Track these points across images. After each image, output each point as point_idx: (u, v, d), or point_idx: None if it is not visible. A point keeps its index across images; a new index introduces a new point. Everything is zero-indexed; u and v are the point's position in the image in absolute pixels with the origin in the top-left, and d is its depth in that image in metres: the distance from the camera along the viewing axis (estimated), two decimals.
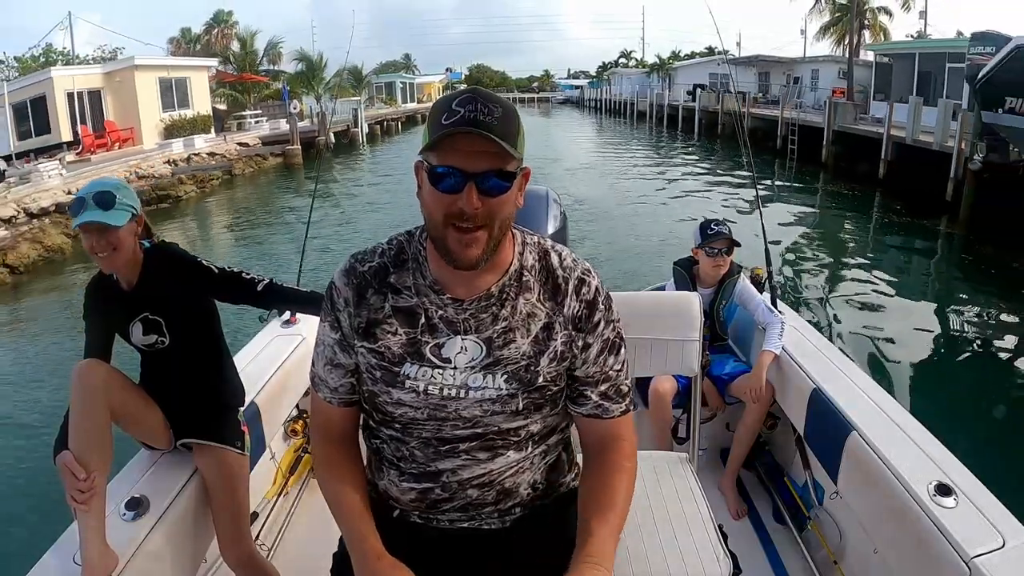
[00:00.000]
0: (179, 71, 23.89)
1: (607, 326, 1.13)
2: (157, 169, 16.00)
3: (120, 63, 22.98)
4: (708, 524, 1.61)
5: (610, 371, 1.14)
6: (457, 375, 1.08)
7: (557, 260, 1.13)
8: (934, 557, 1.39)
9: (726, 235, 2.53)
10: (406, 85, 52.28)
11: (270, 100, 30.57)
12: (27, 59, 31.07)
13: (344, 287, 1.11)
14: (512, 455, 1.13)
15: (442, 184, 0.97)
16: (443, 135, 0.94)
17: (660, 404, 2.39)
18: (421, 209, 1.05)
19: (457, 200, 0.97)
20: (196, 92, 24.37)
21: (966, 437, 4.02)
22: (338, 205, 14.43)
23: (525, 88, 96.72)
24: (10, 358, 6.67)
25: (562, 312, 1.10)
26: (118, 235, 1.59)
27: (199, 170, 17.48)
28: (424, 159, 1.00)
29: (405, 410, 1.10)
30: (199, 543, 1.73)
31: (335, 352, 1.13)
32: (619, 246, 10.08)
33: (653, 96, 38.09)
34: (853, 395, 1.94)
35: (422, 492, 1.15)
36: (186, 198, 15.84)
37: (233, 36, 37.27)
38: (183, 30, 39.41)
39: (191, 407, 1.73)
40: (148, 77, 21.72)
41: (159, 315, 1.68)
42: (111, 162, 16.44)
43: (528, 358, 1.08)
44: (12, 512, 3.83)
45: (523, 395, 1.09)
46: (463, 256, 1.00)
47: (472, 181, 0.96)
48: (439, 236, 1.01)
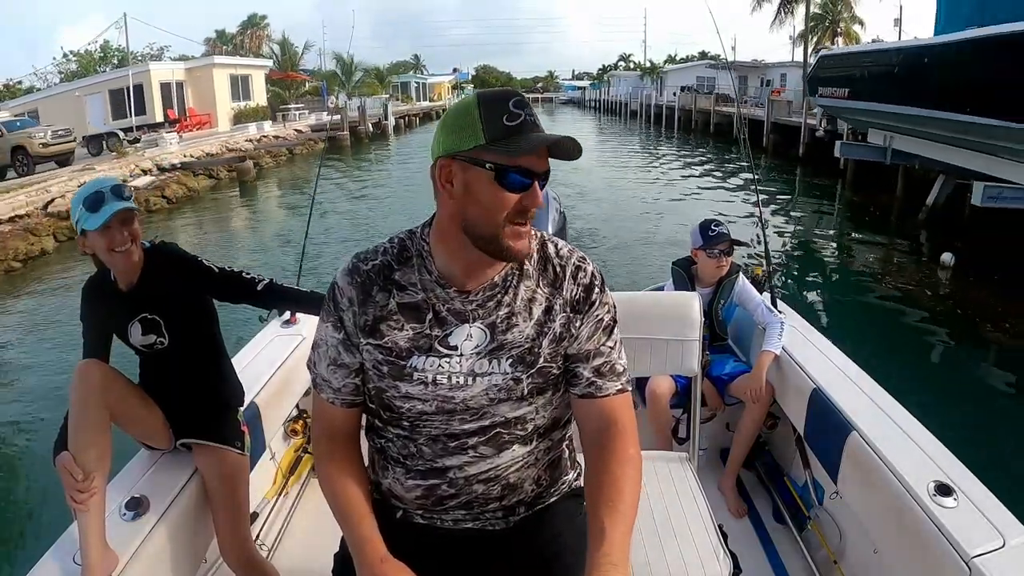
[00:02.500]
0: (244, 69, 29.81)
1: (601, 307, 1.15)
2: (241, 145, 21.23)
3: (200, 61, 29.03)
4: (708, 524, 1.61)
5: (603, 347, 1.15)
6: (464, 362, 1.09)
7: (554, 249, 1.16)
8: (934, 557, 1.39)
9: (728, 236, 2.53)
10: (420, 84, 59.14)
11: (308, 96, 36.18)
12: (83, 54, 35.35)
13: (348, 286, 1.11)
14: (518, 449, 1.14)
15: (517, 184, 1.01)
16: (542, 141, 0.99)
17: (657, 404, 2.39)
18: (459, 207, 1.03)
19: (524, 198, 1.02)
20: (256, 87, 30.42)
21: (966, 437, 4.02)
22: (380, 183, 18.45)
23: (529, 89, 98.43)
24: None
25: (561, 295, 1.13)
26: (135, 224, 1.62)
27: (271, 147, 22.53)
28: (480, 159, 1.00)
29: (414, 403, 1.11)
30: (199, 543, 1.73)
31: (339, 352, 1.13)
32: (613, 244, 10.16)
33: (643, 97, 43.39)
34: (853, 395, 1.94)
35: (428, 489, 1.15)
36: (266, 168, 20.70)
37: (265, 37, 43.52)
38: (218, 32, 45.44)
39: (191, 407, 1.73)
40: (222, 73, 27.84)
41: (158, 315, 1.68)
42: (204, 138, 22.02)
43: (531, 340, 1.10)
44: (12, 512, 3.83)
45: (527, 379, 1.11)
46: (524, 249, 1.05)
47: (538, 181, 1.03)
48: (495, 234, 1.03)
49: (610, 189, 16.02)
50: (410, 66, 69.57)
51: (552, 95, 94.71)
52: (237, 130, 24.70)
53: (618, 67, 76.30)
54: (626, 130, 39.56)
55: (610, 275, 7.75)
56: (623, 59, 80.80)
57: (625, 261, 9.21)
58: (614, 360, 1.15)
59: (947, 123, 8.59)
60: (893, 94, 10.00)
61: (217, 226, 13.36)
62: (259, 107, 29.23)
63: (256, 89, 30.37)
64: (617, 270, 8.50)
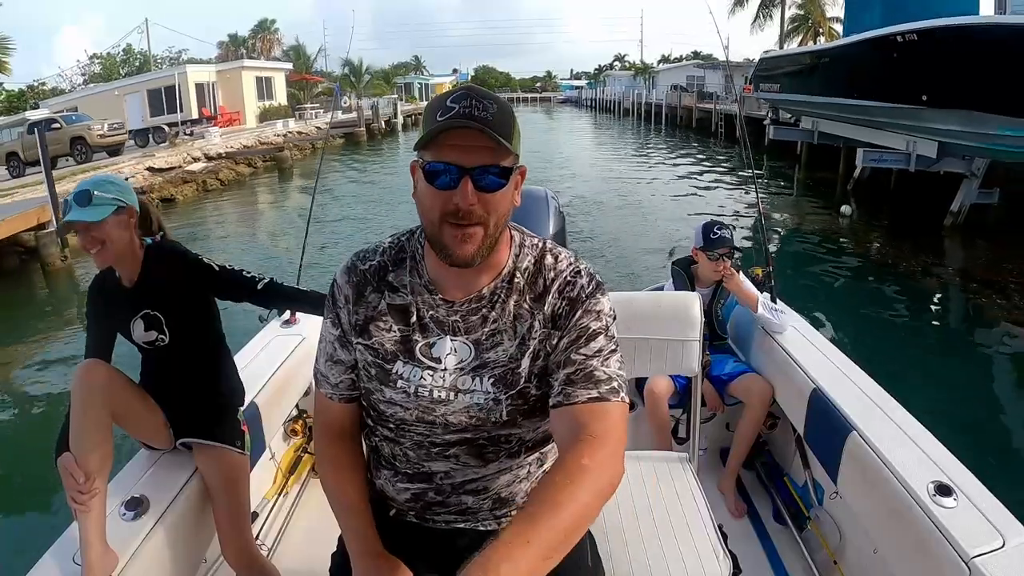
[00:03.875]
0: (268, 72, 32.93)
1: (587, 315, 1.05)
2: (271, 139, 23.77)
3: (230, 64, 31.97)
4: (708, 524, 1.61)
5: (575, 355, 1.03)
6: (447, 377, 1.07)
7: (551, 261, 1.09)
8: (934, 557, 1.39)
9: (728, 242, 2.52)
10: (423, 85, 61.62)
11: (322, 96, 39.27)
12: (106, 56, 39.61)
13: (345, 284, 1.12)
14: (505, 461, 1.13)
15: (438, 180, 0.95)
16: (438, 129, 0.93)
17: (655, 404, 2.39)
18: (418, 209, 1.03)
19: (453, 196, 0.95)
20: (278, 88, 33.54)
21: (966, 437, 4.02)
22: (394, 172, 20.60)
23: (528, 88, 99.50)
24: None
25: (542, 310, 1.06)
26: (103, 230, 1.60)
27: (297, 141, 24.84)
28: (419, 157, 0.99)
29: (396, 410, 1.10)
30: (199, 543, 1.73)
31: (335, 348, 1.14)
32: (605, 240, 10.22)
33: (634, 96, 46.32)
34: (853, 395, 1.94)
35: (416, 493, 1.15)
36: (292, 160, 22.22)
37: (275, 41, 47.67)
38: (230, 35, 49.45)
39: (191, 407, 1.73)
40: (249, 75, 30.94)
41: (159, 311, 1.68)
42: (239, 133, 24.92)
43: (513, 360, 1.06)
44: (12, 512, 3.84)
45: (506, 400, 1.06)
46: (459, 253, 0.98)
47: (468, 176, 0.94)
48: (435, 234, 0.99)
49: (601, 179, 17.15)
50: (411, 67, 72.08)
51: (551, 95, 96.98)
52: (266, 126, 27.52)
53: (613, 67, 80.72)
54: (619, 126, 42.03)
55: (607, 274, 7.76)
56: (618, 59, 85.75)
57: (614, 252, 9.39)
58: (591, 367, 1.02)
59: (842, 106, 11.94)
60: (807, 86, 13.54)
61: (265, 200, 16.82)
62: (281, 106, 32.21)
63: (278, 90, 33.55)
64: (605, 264, 8.55)
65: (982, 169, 9.77)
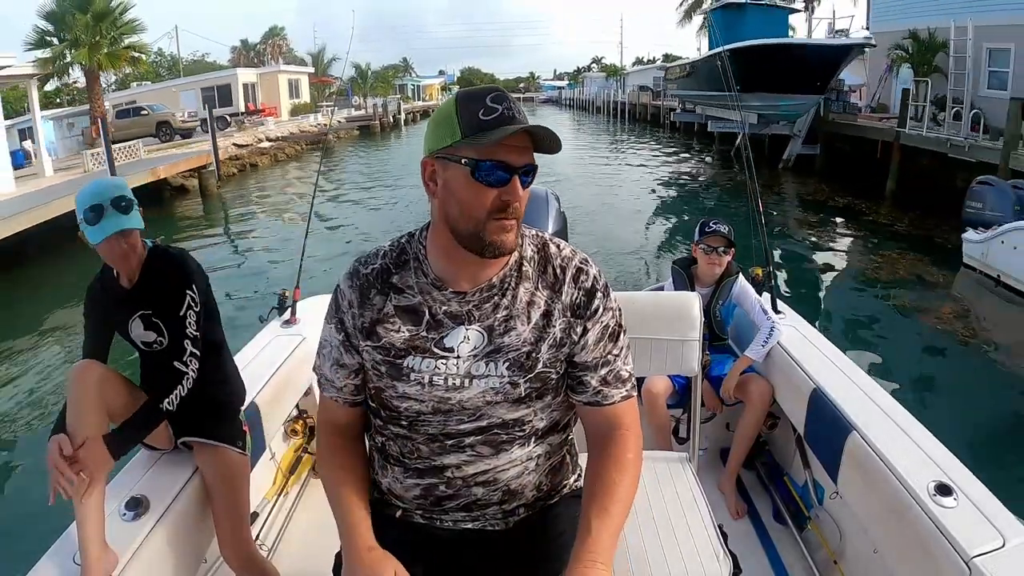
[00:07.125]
0: (297, 75, 40.06)
1: (606, 312, 1.14)
2: (308, 129, 28.96)
3: (269, 68, 39.08)
4: (708, 524, 1.61)
5: (609, 356, 1.14)
6: (460, 364, 1.09)
7: (555, 250, 1.15)
8: (934, 557, 1.39)
9: (721, 233, 2.54)
10: (415, 86, 70.09)
11: (335, 96, 45.08)
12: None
13: (348, 290, 1.14)
14: (516, 451, 1.14)
15: (491, 178, 1.00)
16: (508, 133, 0.96)
17: (654, 404, 2.39)
18: (442, 205, 1.04)
19: (502, 193, 1.00)
20: (303, 88, 40.50)
21: (966, 437, 4.02)
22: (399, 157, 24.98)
23: (512, 89, 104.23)
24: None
25: (560, 299, 1.12)
26: (136, 236, 1.62)
27: (327, 131, 29.93)
28: (456, 155, 1.00)
29: (411, 403, 1.11)
30: (199, 543, 1.72)
31: (340, 353, 1.15)
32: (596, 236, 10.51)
33: (605, 95, 53.16)
34: (853, 395, 1.94)
35: (426, 488, 1.16)
36: (329, 144, 27.55)
37: (283, 46, 54.22)
38: (242, 41, 56.61)
39: (192, 407, 1.71)
40: (284, 78, 37.52)
41: (158, 316, 1.68)
42: (283, 124, 29.77)
43: (529, 345, 1.10)
44: (12, 512, 3.83)
45: (524, 383, 1.10)
46: (505, 242, 1.03)
47: (517, 174, 1.01)
48: (476, 229, 1.02)
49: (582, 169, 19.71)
50: (400, 68, 76.29)
51: (533, 95, 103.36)
52: (300, 119, 33.27)
53: (591, 69, 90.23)
54: (593, 122, 49.77)
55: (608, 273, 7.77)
56: (595, 62, 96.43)
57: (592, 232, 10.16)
58: (619, 367, 1.15)
59: (701, 96, 21.92)
60: (686, 85, 24.23)
61: (313, 169, 21.39)
62: (306, 103, 38.86)
63: (303, 90, 40.53)
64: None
65: (803, 131, 16.75)
